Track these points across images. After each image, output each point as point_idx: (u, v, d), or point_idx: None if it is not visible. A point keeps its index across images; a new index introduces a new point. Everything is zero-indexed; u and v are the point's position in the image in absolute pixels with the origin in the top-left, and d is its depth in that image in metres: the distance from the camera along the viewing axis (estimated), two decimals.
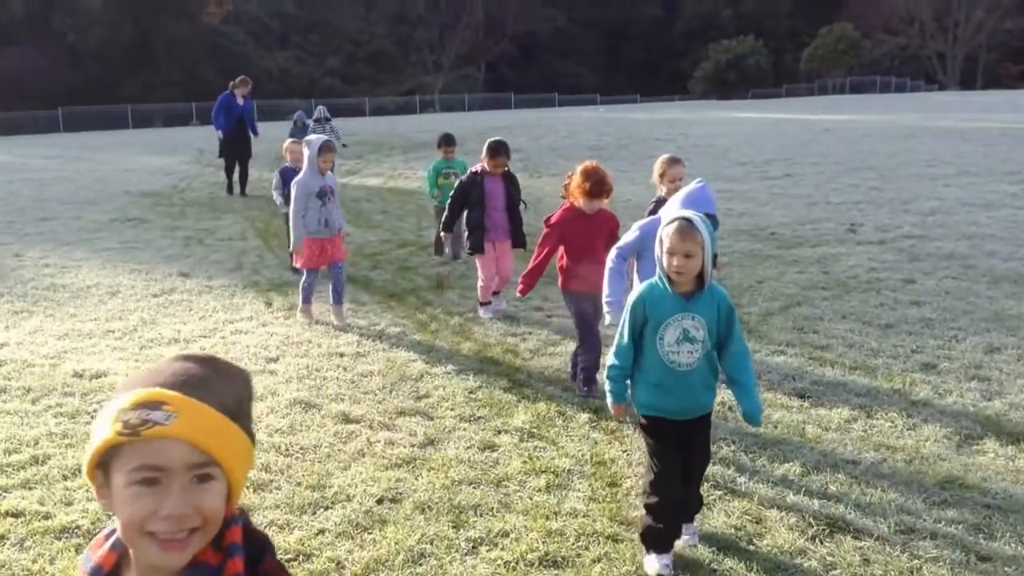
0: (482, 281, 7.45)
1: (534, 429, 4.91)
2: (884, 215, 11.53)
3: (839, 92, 65.10)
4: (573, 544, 3.68)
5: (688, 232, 3.20)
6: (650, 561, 3.47)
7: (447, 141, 10.02)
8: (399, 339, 6.78)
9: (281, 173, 9.24)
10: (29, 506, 4.05)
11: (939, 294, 7.62)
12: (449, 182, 9.65)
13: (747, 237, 10.41)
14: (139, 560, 1.33)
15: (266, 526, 3.84)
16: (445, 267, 9.31)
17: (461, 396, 5.46)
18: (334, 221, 7.22)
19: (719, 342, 3.39)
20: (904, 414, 5.02)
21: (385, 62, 72.19)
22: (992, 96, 46.01)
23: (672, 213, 3.96)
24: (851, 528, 3.77)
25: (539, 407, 5.23)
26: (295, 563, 3.58)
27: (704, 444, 3.57)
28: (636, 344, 3.42)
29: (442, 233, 8.09)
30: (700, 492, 3.68)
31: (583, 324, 5.44)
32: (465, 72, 74.39)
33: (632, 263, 5.01)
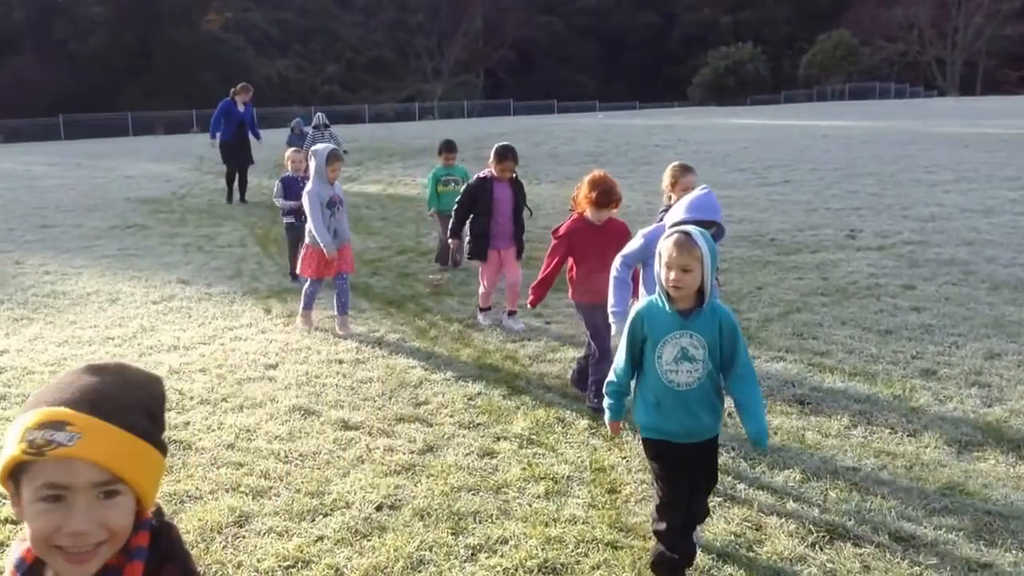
0: (483, 288, 7.42)
1: (533, 436, 4.91)
2: (884, 221, 11.54)
3: (838, 98, 65.25)
4: (572, 551, 3.67)
5: (686, 246, 3.10)
6: None
7: (448, 148, 9.90)
8: (398, 346, 6.78)
9: (282, 181, 9.13)
10: None
11: (939, 300, 7.62)
12: (449, 189, 9.62)
13: (746, 243, 10.42)
14: (51, 566, 1.38)
15: (265, 533, 3.84)
16: (444, 274, 9.30)
17: (460, 403, 5.45)
18: (343, 231, 7.17)
19: (723, 363, 3.25)
20: (904, 420, 5.01)
21: (385, 69, 72.47)
22: (991, 102, 46.08)
23: (673, 220, 3.96)
24: (851, 535, 3.76)
25: (538, 414, 5.23)
26: (294, 570, 3.57)
27: (710, 469, 3.45)
28: (636, 362, 3.32)
29: (450, 240, 7.86)
30: (707, 503, 3.59)
31: (597, 336, 5.33)
32: (464, 79, 74.65)
33: (639, 271, 4.95)
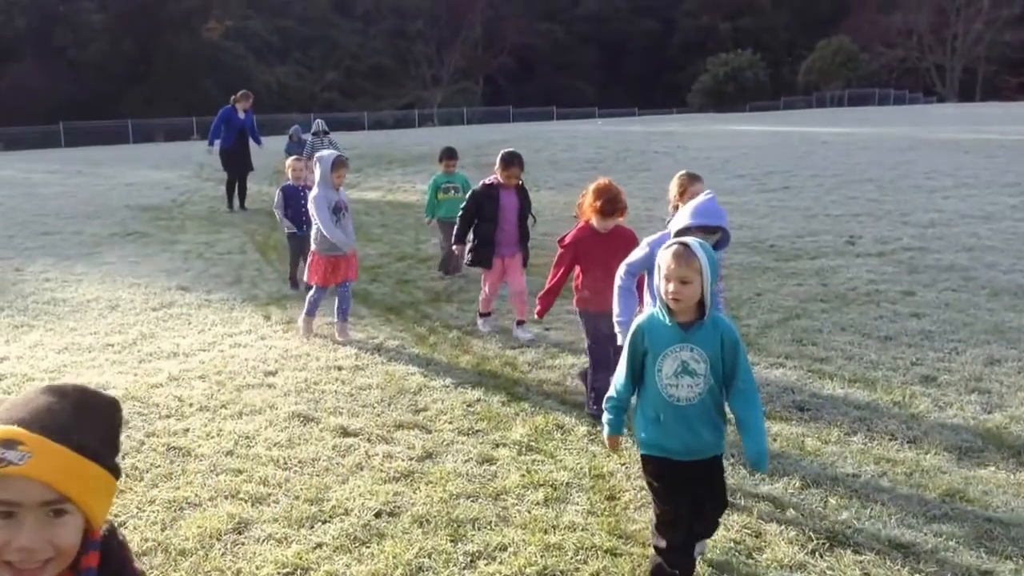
0: (485, 295, 7.37)
1: (532, 442, 4.90)
2: (883, 227, 11.54)
3: (837, 104, 65.28)
4: (571, 558, 3.66)
5: (685, 257, 3.05)
6: None
7: (449, 155, 9.84)
8: (397, 352, 6.77)
9: (283, 191, 9.03)
10: None
11: (939, 306, 7.61)
12: (449, 196, 9.60)
13: (745, 249, 10.42)
14: None
15: (264, 540, 3.83)
16: (444, 280, 9.30)
17: (459, 409, 5.45)
18: (349, 237, 7.14)
19: (724, 377, 3.18)
20: (904, 427, 5.01)
21: (384, 76, 72.58)
22: (991, 108, 46.12)
23: (677, 226, 3.92)
24: (851, 542, 3.75)
25: (537, 420, 5.22)
26: None
27: (715, 489, 3.35)
28: (637, 376, 3.27)
29: (454, 247, 7.69)
30: (717, 521, 3.50)
31: (596, 344, 5.30)
32: (463, 86, 74.72)
33: (644, 280, 4.90)
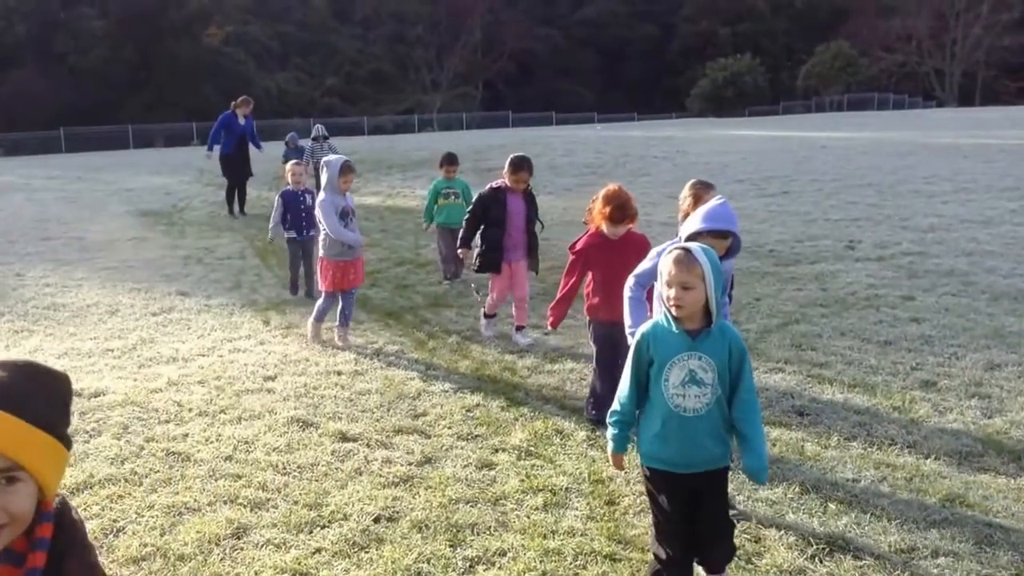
0: (492, 299, 7.28)
1: (532, 447, 4.90)
2: (883, 232, 11.54)
3: (836, 109, 65.33)
4: (571, 563, 3.66)
5: (686, 262, 2.99)
6: None
7: (449, 160, 9.79)
8: (397, 357, 6.77)
9: (282, 196, 8.93)
10: None
11: (938, 311, 7.61)
12: (449, 202, 9.59)
13: (745, 254, 10.40)
14: None
15: (263, 545, 3.82)
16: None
17: (459, 414, 5.44)
18: (356, 243, 7.12)
19: (729, 387, 3.10)
20: (904, 432, 5.00)
21: (383, 81, 72.66)
22: (990, 112, 46.16)
23: (688, 231, 3.87)
24: (851, 547, 3.75)
25: (537, 425, 5.22)
26: None
27: (717, 504, 3.22)
28: (642, 388, 3.16)
29: (459, 251, 7.48)
30: (730, 544, 3.32)
31: (603, 352, 5.21)
32: (463, 91, 74.81)
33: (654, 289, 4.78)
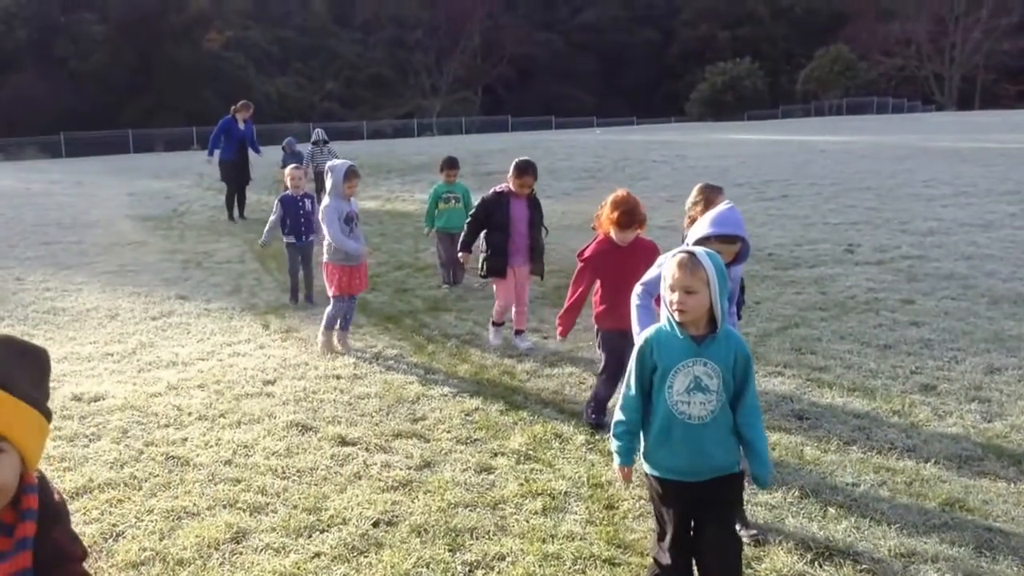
0: (499, 306, 7.16)
1: (531, 451, 4.89)
2: (882, 235, 11.55)
3: (836, 113, 65.42)
4: (570, 568, 3.65)
5: (690, 266, 2.95)
6: None
7: (450, 164, 9.72)
8: (396, 361, 6.77)
9: (281, 200, 8.84)
10: None
11: (938, 315, 7.61)
12: (450, 207, 9.58)
13: None
14: None
15: (262, 549, 3.82)
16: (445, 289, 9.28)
17: (458, 418, 5.44)
18: (356, 252, 7.06)
19: (734, 393, 3.05)
20: (903, 436, 5.00)
21: (383, 86, 72.72)
22: (990, 116, 46.20)
23: (696, 236, 3.80)
24: (851, 551, 3.74)
25: (536, 429, 5.21)
26: None
27: (723, 515, 3.10)
28: (647, 396, 3.10)
29: (459, 254, 7.41)
30: (737, 558, 3.16)
31: (611, 361, 5.11)
32: (462, 95, 74.84)
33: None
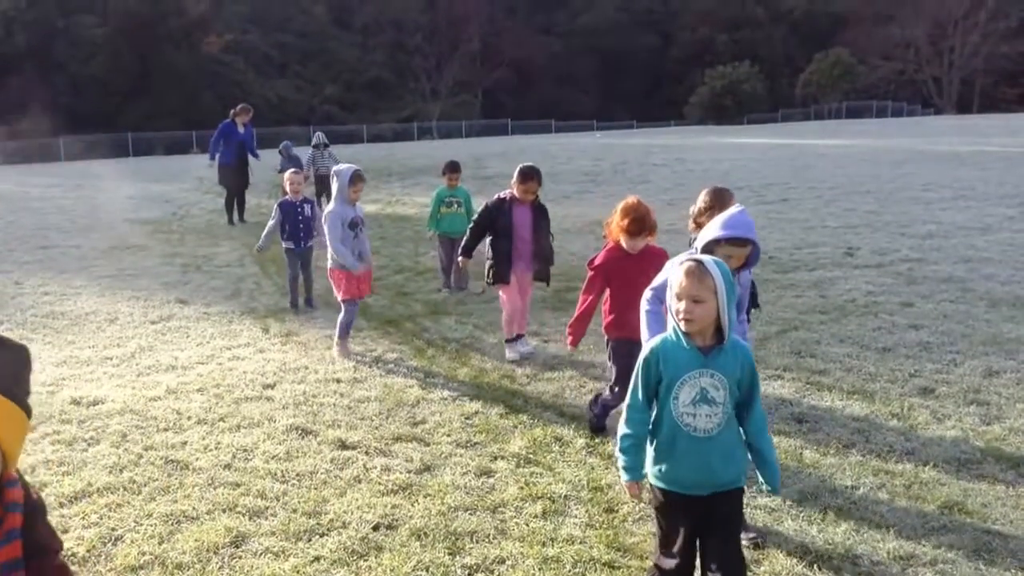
0: (506, 314, 6.98)
1: (531, 455, 4.90)
2: (881, 239, 11.56)
3: (835, 117, 65.47)
4: (570, 571, 3.65)
5: (697, 274, 2.89)
6: None
7: (452, 168, 9.63)
8: (396, 365, 6.77)
9: (280, 206, 8.72)
10: None
11: (937, 317, 7.62)
12: (452, 211, 9.57)
13: None
14: None
15: (261, 553, 3.82)
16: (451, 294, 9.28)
17: (458, 422, 5.44)
18: (366, 253, 7.02)
19: (739, 403, 3.01)
20: (902, 439, 5.00)
21: (383, 89, 72.83)
22: (989, 120, 46.26)
23: (706, 238, 3.74)
24: (849, 554, 3.74)
25: (536, 433, 5.22)
26: None
27: (728, 530, 3.05)
28: (651, 407, 3.04)
29: (459, 259, 7.29)
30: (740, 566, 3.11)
31: (623, 372, 4.86)
32: (462, 99, 74.92)
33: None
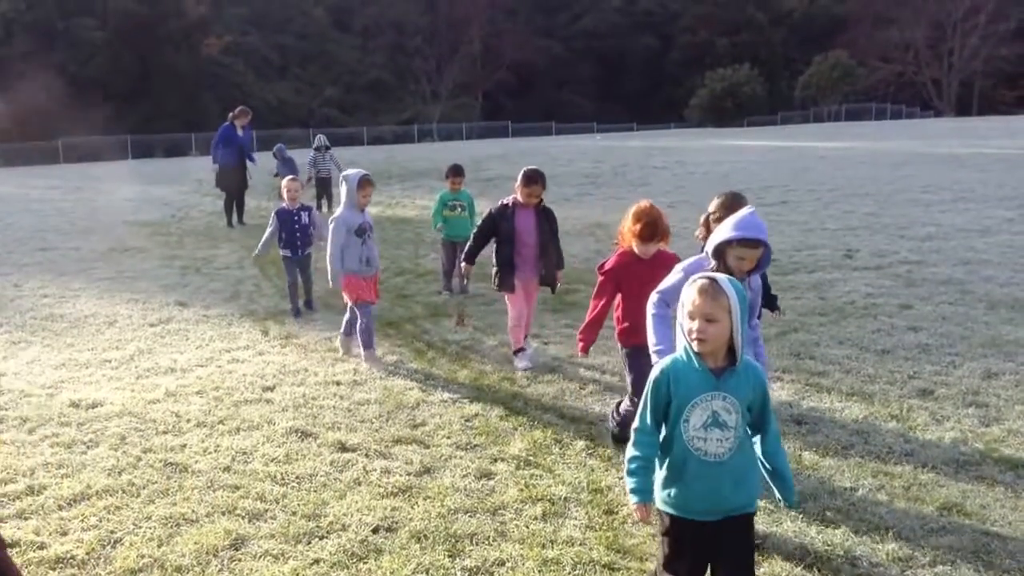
0: (512, 321, 6.84)
1: (530, 457, 4.90)
2: (880, 241, 11.57)
3: (834, 119, 65.49)
4: (569, 573, 3.66)
5: (711, 292, 2.81)
6: None
7: (455, 172, 9.62)
8: (396, 367, 6.78)
9: (277, 214, 8.55)
10: (24, 536, 4.03)
11: (936, 319, 7.62)
12: (455, 214, 9.57)
13: None
14: None
15: (261, 556, 3.82)
16: (460, 304, 9.27)
17: (457, 424, 5.45)
18: (374, 259, 6.96)
19: (752, 425, 2.96)
20: (901, 440, 5.01)
21: (383, 92, 72.87)
22: (988, 122, 46.29)
23: (718, 240, 3.71)
24: (849, 555, 3.75)
25: (535, 435, 5.22)
26: None
27: (738, 554, 2.97)
28: (662, 428, 2.97)
29: (463, 265, 7.19)
30: None
31: (639, 379, 4.65)
32: (463, 101, 74.95)
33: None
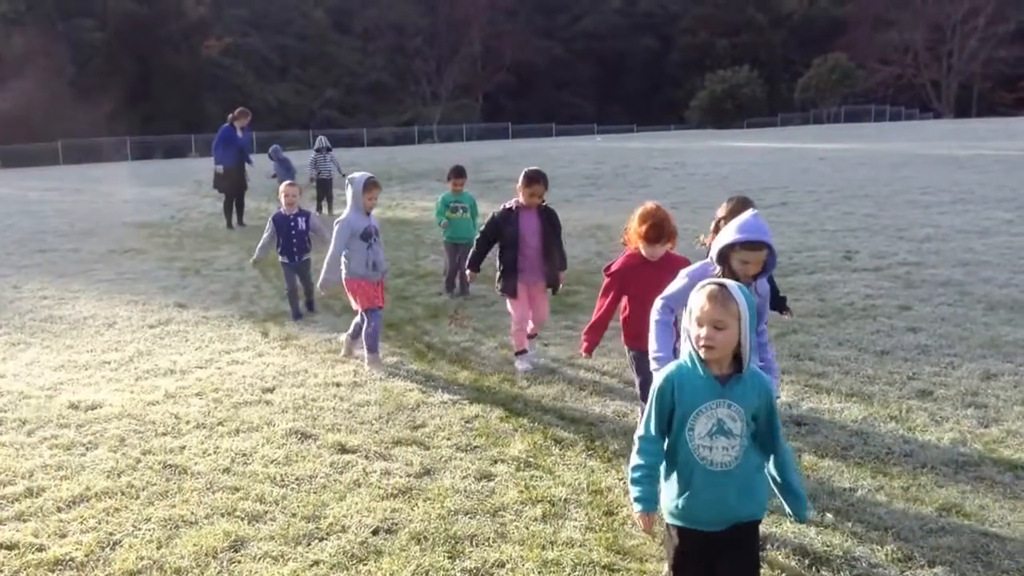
0: (515, 324, 6.76)
1: (530, 458, 4.90)
2: (880, 242, 11.58)
3: (834, 121, 65.50)
4: (569, 574, 3.66)
5: (720, 299, 2.77)
6: None
7: (457, 173, 9.61)
8: (396, 368, 6.78)
9: (273, 220, 8.47)
10: (23, 538, 4.03)
11: (935, 321, 7.63)
12: (457, 216, 9.55)
13: None
14: None
15: (260, 557, 3.82)
16: (458, 304, 9.26)
17: (457, 425, 5.45)
18: (381, 263, 6.93)
19: (758, 434, 2.90)
20: (901, 441, 5.02)
21: (383, 93, 72.91)
22: (987, 123, 46.32)
23: (722, 242, 3.70)
24: (848, 556, 3.75)
25: (535, 436, 5.22)
26: None
27: (744, 562, 2.94)
28: (666, 435, 2.93)
29: (468, 271, 7.14)
30: None
31: (648, 382, 4.55)
32: (463, 102, 74.97)
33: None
